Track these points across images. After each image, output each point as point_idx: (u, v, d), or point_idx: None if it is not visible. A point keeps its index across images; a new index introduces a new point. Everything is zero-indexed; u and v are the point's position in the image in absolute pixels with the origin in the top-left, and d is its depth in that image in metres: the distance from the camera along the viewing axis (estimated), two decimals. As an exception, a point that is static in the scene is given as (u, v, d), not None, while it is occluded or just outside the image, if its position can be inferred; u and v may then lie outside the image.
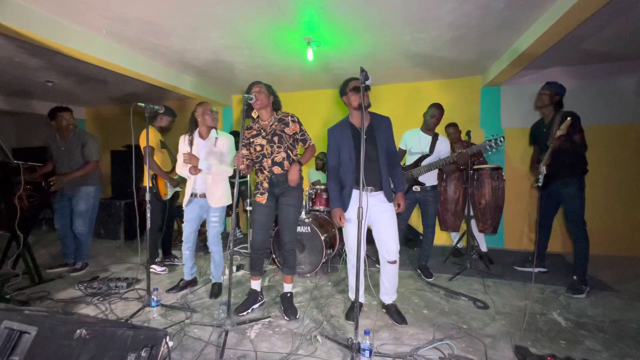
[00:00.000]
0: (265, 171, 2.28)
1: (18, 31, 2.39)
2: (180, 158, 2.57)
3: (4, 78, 4.21)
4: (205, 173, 2.53)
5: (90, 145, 3.21)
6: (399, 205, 2.16)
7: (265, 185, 2.29)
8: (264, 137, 2.26)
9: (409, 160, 3.03)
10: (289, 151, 2.25)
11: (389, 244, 2.13)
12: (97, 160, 3.25)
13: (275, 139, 2.23)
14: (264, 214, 2.29)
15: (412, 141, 3.02)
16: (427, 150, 2.96)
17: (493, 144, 2.75)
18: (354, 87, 2.10)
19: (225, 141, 2.60)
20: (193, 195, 2.58)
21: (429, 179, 2.97)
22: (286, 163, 2.24)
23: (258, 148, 2.28)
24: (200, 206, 2.59)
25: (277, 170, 2.24)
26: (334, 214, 2.13)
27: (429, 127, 3.00)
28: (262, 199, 2.28)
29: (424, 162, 2.93)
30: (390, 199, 2.15)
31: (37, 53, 3.35)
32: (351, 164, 2.13)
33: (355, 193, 2.15)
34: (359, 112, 2.10)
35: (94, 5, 2.46)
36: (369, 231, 2.22)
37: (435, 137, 2.98)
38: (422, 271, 3.06)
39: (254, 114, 2.30)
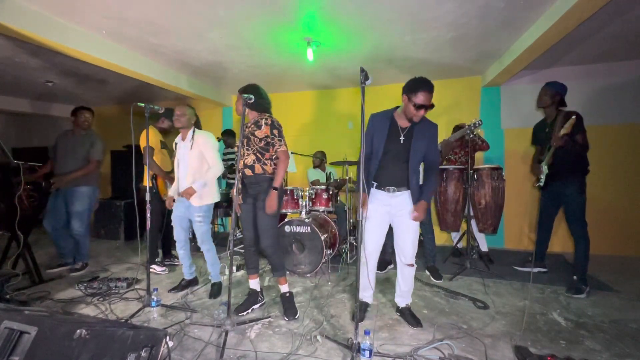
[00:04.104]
0: (239, 172, 2.28)
1: (18, 31, 2.39)
2: (176, 180, 2.65)
3: (4, 78, 4.21)
4: (186, 174, 2.55)
5: (97, 146, 3.27)
6: (417, 214, 2.03)
7: (239, 185, 2.28)
8: (241, 139, 2.26)
9: None
10: (258, 154, 2.21)
11: (405, 248, 2.11)
12: (99, 160, 3.28)
13: (245, 141, 2.25)
14: (246, 212, 2.31)
15: None
16: None
17: (473, 127, 2.85)
18: (419, 105, 1.94)
19: (200, 138, 2.57)
20: (179, 194, 2.60)
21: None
22: (257, 166, 2.21)
23: (236, 149, 2.29)
24: (186, 206, 2.59)
25: (247, 172, 2.24)
26: (357, 197, 2.05)
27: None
28: (239, 199, 2.30)
29: None
30: (416, 202, 2.07)
31: (37, 53, 3.35)
32: (377, 160, 2.07)
33: (374, 192, 2.11)
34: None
35: (94, 5, 2.46)
36: (390, 230, 2.20)
37: None
38: (431, 272, 3.06)
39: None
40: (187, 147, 2.57)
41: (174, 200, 2.65)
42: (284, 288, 2.32)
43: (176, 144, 2.66)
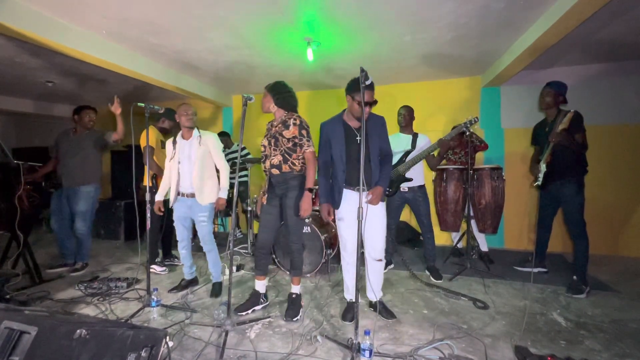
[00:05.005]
0: (266, 172, 2.30)
1: (18, 31, 2.39)
2: (164, 180, 2.66)
3: (5, 78, 4.21)
4: (191, 173, 2.55)
5: (106, 134, 3.33)
6: (372, 197, 2.05)
7: (266, 185, 2.32)
8: (267, 138, 2.27)
9: (393, 160, 3.06)
10: (286, 155, 2.19)
11: (375, 242, 2.16)
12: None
13: (273, 141, 2.23)
14: (267, 214, 2.31)
15: (394, 143, 3.05)
16: (409, 147, 3.02)
17: (468, 124, 2.86)
18: (360, 103, 1.96)
19: (209, 139, 2.60)
20: (180, 194, 2.60)
21: (417, 177, 2.99)
22: (284, 166, 2.20)
23: (262, 148, 2.31)
24: (188, 206, 2.59)
25: (274, 171, 2.24)
26: (322, 209, 2.17)
27: (402, 126, 3.12)
28: (264, 199, 2.33)
29: (408, 158, 2.98)
30: (382, 198, 2.15)
31: (38, 53, 3.35)
32: (342, 163, 2.12)
33: (346, 192, 2.15)
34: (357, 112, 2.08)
35: (95, 6, 2.46)
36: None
37: (415, 136, 3.06)
38: (431, 272, 3.06)
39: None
40: (192, 145, 2.56)
41: (162, 206, 2.66)
42: (295, 289, 2.32)
43: (174, 143, 2.61)
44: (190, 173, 2.54)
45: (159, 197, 2.66)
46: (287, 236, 2.29)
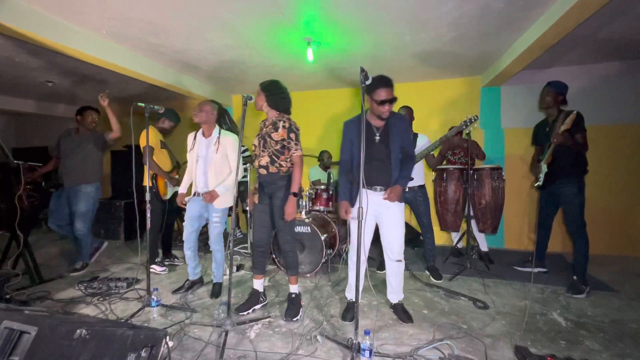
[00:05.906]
0: (257, 171, 2.31)
1: (18, 31, 2.39)
2: (186, 175, 2.65)
3: (5, 78, 4.21)
4: (207, 173, 2.54)
5: (105, 134, 3.35)
6: (391, 194, 2.08)
7: (257, 185, 2.33)
8: (258, 138, 2.27)
9: None
10: (273, 156, 2.18)
11: (392, 244, 2.15)
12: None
13: (262, 142, 2.23)
14: (260, 212, 2.31)
15: None
16: None
17: (468, 122, 2.88)
18: (381, 101, 1.99)
19: (227, 140, 2.58)
20: (196, 194, 2.59)
21: (416, 177, 2.99)
22: (271, 167, 2.20)
23: (252, 147, 2.32)
24: (202, 205, 2.59)
25: (262, 172, 2.24)
26: (341, 206, 2.16)
27: None
28: (256, 199, 2.34)
29: None
30: (400, 199, 2.13)
31: (38, 53, 3.35)
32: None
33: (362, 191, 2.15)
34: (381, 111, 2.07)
35: (95, 6, 2.46)
36: (376, 231, 2.23)
37: (414, 136, 3.07)
38: (431, 272, 3.06)
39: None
40: (210, 146, 2.55)
41: (184, 201, 2.63)
42: (293, 288, 2.31)
43: (195, 139, 2.61)
44: (206, 173, 2.54)
45: (182, 190, 2.66)
46: (277, 237, 2.29)
